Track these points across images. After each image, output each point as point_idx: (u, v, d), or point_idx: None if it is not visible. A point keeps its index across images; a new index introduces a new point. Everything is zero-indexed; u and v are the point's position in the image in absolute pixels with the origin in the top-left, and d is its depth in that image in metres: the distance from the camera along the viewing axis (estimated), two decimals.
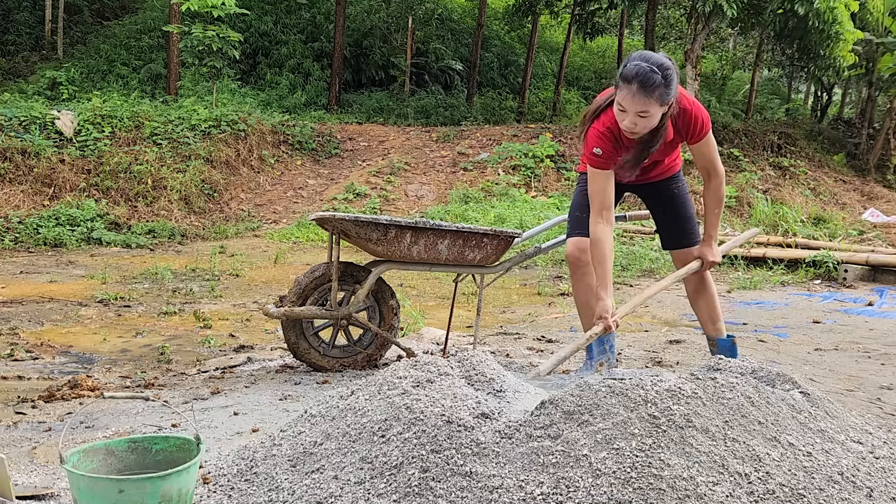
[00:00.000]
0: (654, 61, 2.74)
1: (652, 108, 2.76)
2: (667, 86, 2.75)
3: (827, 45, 12.66)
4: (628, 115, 2.79)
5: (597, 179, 2.99)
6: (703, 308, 3.38)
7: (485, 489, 1.79)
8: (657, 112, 2.79)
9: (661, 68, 2.73)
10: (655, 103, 2.76)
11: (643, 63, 2.73)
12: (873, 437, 2.23)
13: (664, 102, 2.78)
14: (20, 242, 8.17)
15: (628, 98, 2.76)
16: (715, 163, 3.10)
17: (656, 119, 2.82)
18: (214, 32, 11.59)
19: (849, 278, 7.36)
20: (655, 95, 2.74)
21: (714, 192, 3.16)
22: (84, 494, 1.74)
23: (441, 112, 15.61)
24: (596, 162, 2.98)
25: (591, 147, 2.96)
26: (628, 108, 2.78)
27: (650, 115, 2.78)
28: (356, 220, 3.34)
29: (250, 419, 2.82)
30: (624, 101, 2.77)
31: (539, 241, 4.64)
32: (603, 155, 2.96)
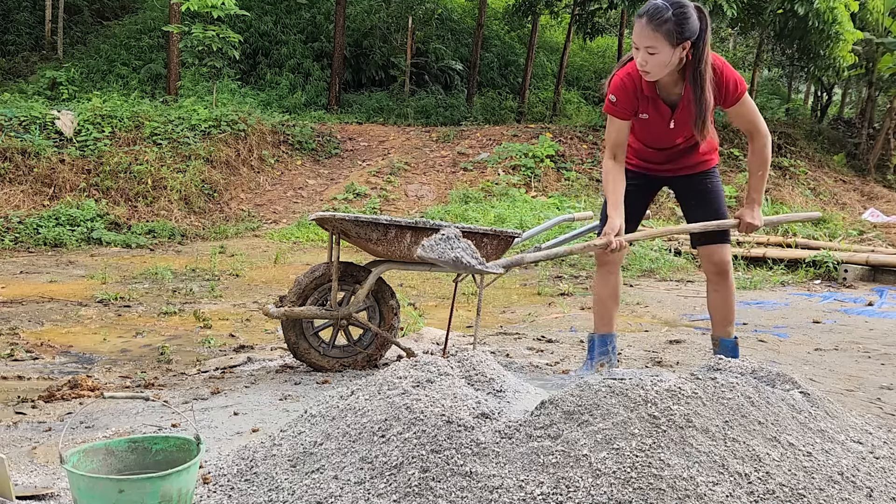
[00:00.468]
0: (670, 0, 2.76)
1: (659, 43, 2.78)
2: (678, 23, 2.75)
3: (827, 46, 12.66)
4: (640, 52, 2.82)
5: (612, 126, 3.08)
6: (720, 308, 3.35)
7: (485, 489, 1.79)
8: (666, 50, 2.79)
9: (674, 5, 2.75)
10: (663, 39, 2.77)
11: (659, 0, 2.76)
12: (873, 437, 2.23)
13: (675, 41, 2.78)
14: (20, 242, 8.17)
15: (637, 32, 2.80)
16: (757, 123, 3.06)
17: (667, 58, 2.81)
18: (214, 32, 11.59)
19: (849, 278, 7.36)
20: (663, 30, 2.75)
21: (758, 154, 3.11)
22: (84, 494, 1.74)
23: (441, 112, 15.61)
24: (611, 109, 3.04)
25: (609, 93, 3.02)
26: (638, 43, 2.81)
27: (658, 52, 2.79)
28: (356, 220, 3.34)
29: (250, 419, 2.82)
30: (634, 35, 2.81)
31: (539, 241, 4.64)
32: (617, 103, 3.02)
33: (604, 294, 3.36)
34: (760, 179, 3.17)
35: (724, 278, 3.30)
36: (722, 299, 3.34)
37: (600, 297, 3.37)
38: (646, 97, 3.01)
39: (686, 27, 2.78)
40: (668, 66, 2.85)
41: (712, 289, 3.35)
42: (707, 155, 3.26)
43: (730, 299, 3.34)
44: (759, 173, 3.15)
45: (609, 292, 3.36)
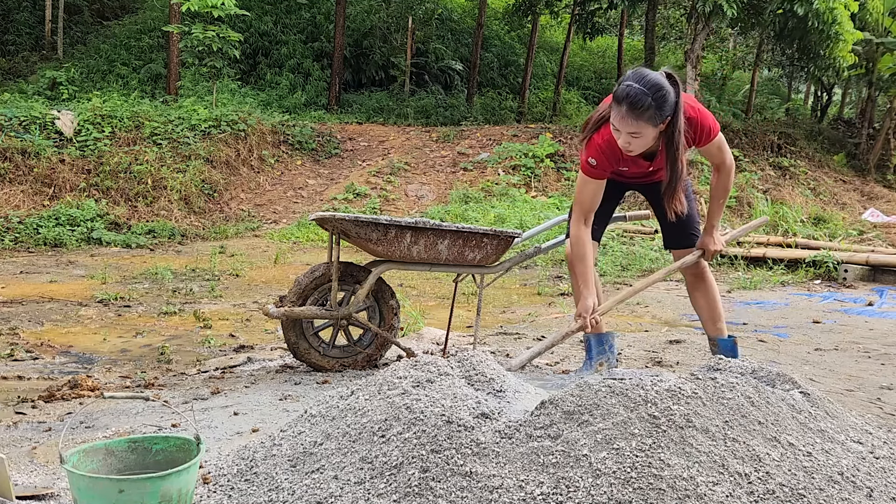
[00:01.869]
0: (647, 82, 2.72)
1: (643, 129, 2.77)
2: (658, 108, 2.73)
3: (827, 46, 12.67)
4: (621, 135, 2.82)
5: (587, 186, 3.07)
6: (704, 307, 3.38)
7: (485, 489, 1.79)
8: (650, 132, 2.80)
9: (652, 90, 2.72)
10: (646, 125, 2.76)
11: (635, 84, 2.72)
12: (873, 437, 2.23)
13: (657, 124, 2.78)
14: (20, 242, 8.17)
15: (618, 119, 2.78)
16: (725, 158, 3.10)
17: (650, 138, 2.83)
18: (214, 32, 11.59)
19: (849, 278, 7.36)
20: (645, 118, 2.74)
21: (721, 183, 3.16)
22: (84, 494, 1.74)
23: (441, 112, 15.61)
24: (590, 171, 3.04)
25: (587, 156, 3.02)
26: (620, 128, 2.80)
27: (642, 136, 2.80)
28: (356, 220, 3.34)
29: (250, 419, 2.82)
30: (615, 121, 2.80)
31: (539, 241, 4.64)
32: (598, 167, 3.02)
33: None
34: (720, 207, 3.23)
35: (700, 279, 3.33)
36: (703, 298, 3.36)
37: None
38: (625, 158, 3.02)
39: (665, 108, 2.76)
40: (650, 143, 2.87)
41: (692, 290, 3.39)
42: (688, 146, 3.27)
43: (713, 298, 3.36)
44: (721, 201, 3.21)
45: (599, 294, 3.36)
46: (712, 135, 3.00)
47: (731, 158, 3.13)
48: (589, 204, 3.08)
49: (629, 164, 3.07)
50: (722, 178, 3.15)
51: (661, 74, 2.80)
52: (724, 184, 3.16)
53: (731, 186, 3.20)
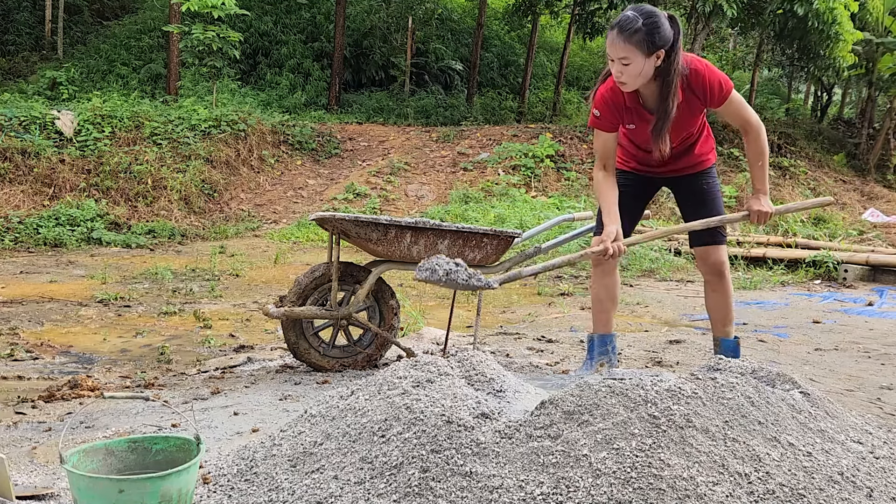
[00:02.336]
0: (640, 9, 2.77)
1: (632, 54, 2.79)
2: (649, 32, 2.76)
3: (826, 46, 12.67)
4: (615, 63, 2.84)
5: (598, 139, 3.13)
6: (718, 308, 3.37)
7: (485, 489, 1.79)
8: (639, 60, 2.80)
9: (644, 15, 2.76)
10: (636, 49, 2.78)
11: (629, 11, 2.78)
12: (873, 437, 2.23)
13: (648, 50, 2.78)
14: (20, 242, 8.17)
15: (610, 43, 2.81)
16: (747, 117, 3.05)
17: (640, 66, 2.82)
18: (214, 32, 11.59)
19: (849, 278, 7.36)
20: (634, 41, 2.76)
21: (753, 145, 3.09)
22: (84, 494, 1.74)
23: (441, 112, 15.61)
24: (596, 123, 3.09)
25: (593, 107, 3.06)
26: (612, 55, 2.83)
27: (632, 63, 2.80)
28: (356, 220, 3.34)
29: (250, 419, 2.82)
30: (608, 47, 2.83)
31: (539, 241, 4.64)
32: (601, 117, 3.06)
33: (601, 295, 3.37)
34: (761, 170, 3.13)
35: (720, 279, 3.31)
36: (720, 300, 3.35)
37: (598, 298, 3.39)
38: (629, 108, 3.04)
39: (657, 35, 2.78)
40: (643, 76, 2.86)
41: (710, 289, 3.37)
42: (704, 155, 3.26)
43: (727, 299, 3.35)
44: (759, 163, 3.12)
45: (606, 294, 3.37)
46: (724, 90, 2.96)
47: (757, 118, 3.07)
48: (603, 152, 3.11)
49: (634, 119, 3.05)
50: (752, 140, 3.08)
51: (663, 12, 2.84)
52: (757, 146, 3.08)
53: (766, 148, 3.12)
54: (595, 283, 3.40)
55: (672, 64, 2.84)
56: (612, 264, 3.36)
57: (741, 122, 3.08)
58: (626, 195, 3.21)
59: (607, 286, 3.38)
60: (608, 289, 3.38)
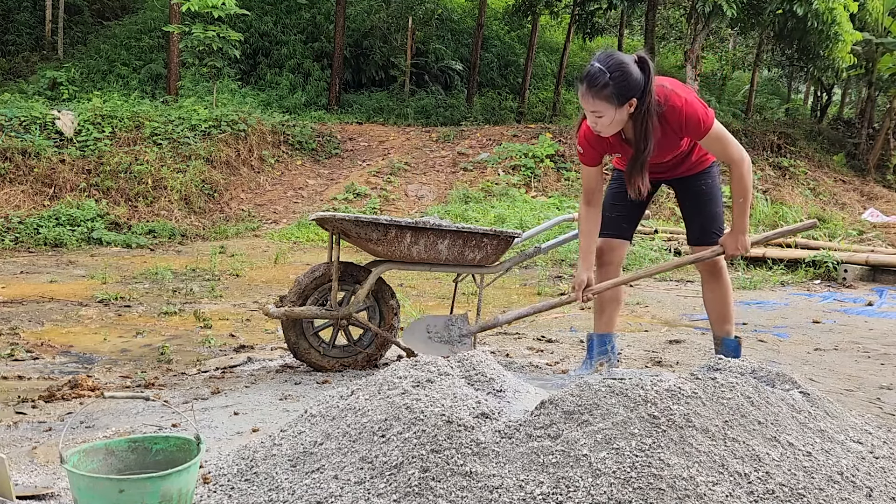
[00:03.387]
0: (608, 61, 2.72)
1: (602, 108, 2.77)
2: (617, 86, 2.71)
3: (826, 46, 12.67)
4: (588, 114, 2.86)
5: (582, 171, 3.23)
6: (714, 305, 3.38)
7: (485, 489, 1.79)
8: (611, 112, 2.78)
9: (612, 68, 2.71)
10: (605, 103, 2.76)
11: (596, 63, 2.75)
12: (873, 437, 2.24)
13: (618, 102, 2.75)
14: (20, 242, 8.17)
15: (580, 96, 2.83)
16: (729, 155, 2.96)
17: (613, 118, 2.80)
18: (215, 32, 11.59)
19: (848, 278, 7.36)
20: (603, 95, 2.74)
21: (736, 183, 3.02)
22: (84, 494, 1.74)
23: (441, 112, 15.61)
24: (581, 157, 3.21)
25: (577, 145, 3.18)
26: (584, 107, 2.84)
27: (604, 115, 2.80)
28: (356, 220, 3.34)
29: (250, 419, 2.82)
30: (580, 98, 2.85)
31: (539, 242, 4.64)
32: (584, 154, 3.15)
33: (605, 295, 3.37)
34: (742, 206, 3.05)
35: (717, 277, 3.32)
36: (717, 298, 3.36)
37: (600, 298, 3.39)
38: (611, 143, 3.05)
39: (627, 87, 2.73)
40: (616, 124, 2.85)
41: (707, 288, 3.38)
42: (703, 156, 3.26)
43: (725, 298, 3.36)
44: (741, 200, 3.04)
45: (609, 294, 3.38)
46: (703, 126, 2.88)
47: (741, 153, 2.97)
48: (587, 186, 3.21)
49: (617, 150, 3.10)
50: (735, 178, 3.00)
51: (632, 57, 2.78)
52: (740, 184, 2.99)
53: (750, 185, 3.02)
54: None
55: (644, 107, 2.79)
56: (616, 264, 3.38)
57: (723, 158, 3.01)
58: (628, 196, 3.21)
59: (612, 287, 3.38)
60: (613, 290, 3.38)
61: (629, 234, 3.40)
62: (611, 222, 3.32)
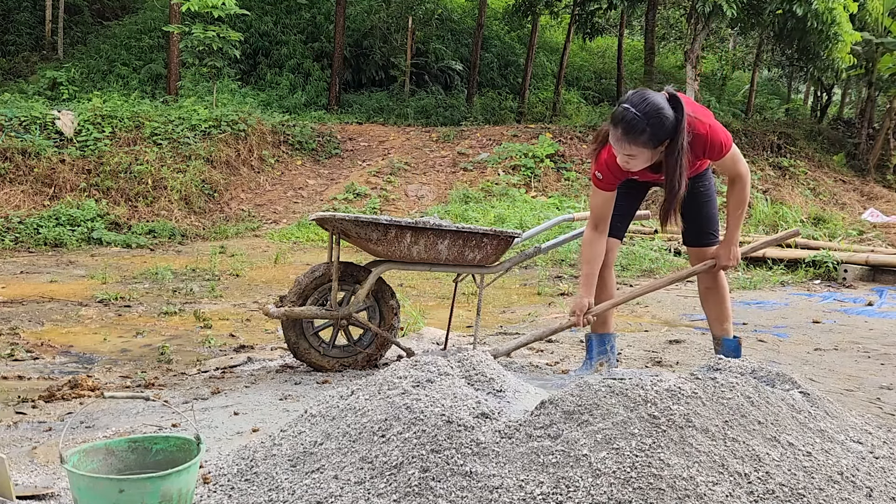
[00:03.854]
0: (643, 107, 2.71)
1: (638, 151, 2.78)
2: (654, 133, 2.73)
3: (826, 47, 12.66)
4: (619, 154, 2.84)
5: (596, 197, 3.14)
6: (713, 307, 3.39)
7: (485, 489, 1.79)
8: (646, 154, 2.81)
9: (648, 116, 2.70)
10: (641, 147, 2.77)
11: (631, 109, 2.72)
12: (873, 437, 2.24)
13: (653, 147, 2.78)
14: (20, 242, 8.17)
15: (614, 140, 2.80)
16: (739, 171, 3.07)
17: (647, 158, 2.83)
18: (215, 32, 11.59)
19: (848, 278, 7.36)
20: (640, 142, 2.75)
21: (736, 195, 3.12)
22: (84, 494, 1.74)
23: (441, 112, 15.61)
24: (597, 183, 3.10)
25: (595, 170, 3.07)
26: (616, 150, 2.82)
27: (638, 157, 2.81)
28: (356, 220, 3.34)
29: (250, 419, 2.82)
30: (612, 141, 2.81)
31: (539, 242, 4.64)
32: (604, 180, 3.07)
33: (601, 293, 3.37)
34: (738, 218, 3.18)
35: (713, 277, 3.33)
36: (714, 298, 3.37)
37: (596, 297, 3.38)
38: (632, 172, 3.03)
39: (662, 131, 2.74)
40: (648, 162, 2.87)
41: (704, 287, 3.39)
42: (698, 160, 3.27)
43: (722, 297, 3.37)
44: (739, 212, 3.17)
45: (606, 293, 3.38)
46: (724, 150, 2.98)
47: (746, 169, 3.09)
48: (599, 212, 3.14)
49: (638, 174, 3.08)
50: (736, 190, 3.11)
51: (663, 96, 2.79)
52: (739, 195, 3.11)
53: (748, 197, 3.15)
54: None
55: (676, 146, 2.80)
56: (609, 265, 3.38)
57: (733, 174, 3.09)
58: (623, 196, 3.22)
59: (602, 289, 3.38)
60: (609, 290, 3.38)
61: (623, 234, 3.42)
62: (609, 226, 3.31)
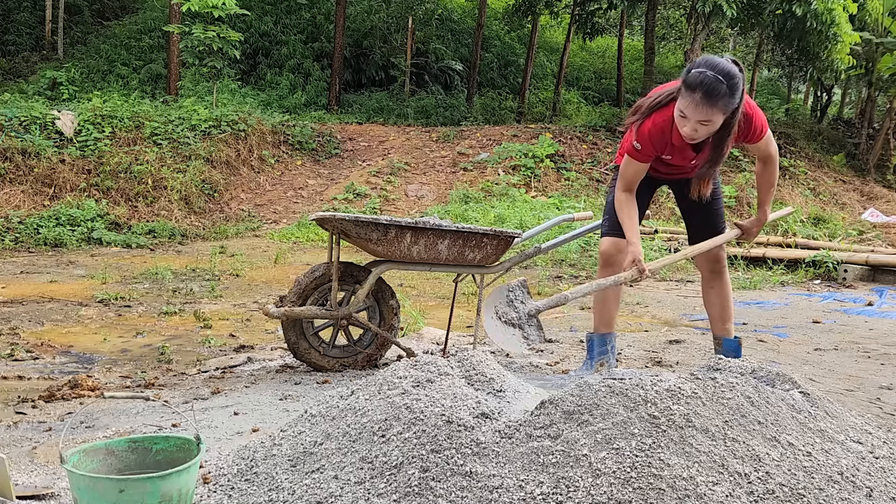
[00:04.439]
0: (721, 69, 2.71)
1: (714, 116, 2.76)
2: (731, 95, 2.73)
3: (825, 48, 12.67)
4: (689, 122, 2.79)
5: (630, 167, 3.09)
6: (716, 304, 3.39)
7: (485, 489, 1.79)
8: (719, 120, 2.79)
9: (727, 77, 2.71)
10: (719, 112, 2.75)
11: (709, 71, 2.70)
12: (873, 437, 2.24)
13: (728, 111, 2.77)
14: (20, 242, 8.17)
15: (691, 107, 2.74)
16: (772, 152, 3.14)
17: (717, 126, 2.82)
18: (215, 32, 11.59)
19: (848, 278, 7.36)
20: (720, 105, 2.73)
21: (768, 175, 3.21)
22: (84, 494, 1.74)
23: (441, 112, 15.61)
24: (634, 154, 3.04)
25: (634, 140, 3.00)
26: (690, 116, 2.77)
27: (711, 123, 2.78)
28: (356, 220, 3.34)
29: (250, 419, 2.82)
30: (686, 108, 2.76)
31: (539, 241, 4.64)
32: (642, 151, 3.01)
33: (608, 294, 3.37)
34: (769, 196, 3.28)
35: (719, 276, 3.33)
36: (717, 296, 3.36)
37: (603, 298, 3.38)
38: (673, 144, 3.01)
39: (736, 96, 2.76)
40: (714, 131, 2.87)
41: (707, 286, 3.39)
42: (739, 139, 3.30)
43: (726, 296, 3.37)
44: (770, 191, 3.26)
45: (612, 294, 3.38)
46: (763, 132, 3.02)
47: (776, 150, 3.18)
48: (631, 180, 3.12)
49: (674, 153, 3.06)
50: (768, 171, 3.19)
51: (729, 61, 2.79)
52: (770, 176, 3.20)
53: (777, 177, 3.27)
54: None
55: (737, 114, 2.83)
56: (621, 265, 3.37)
57: (765, 155, 3.13)
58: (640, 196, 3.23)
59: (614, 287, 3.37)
60: (616, 289, 3.38)
61: None
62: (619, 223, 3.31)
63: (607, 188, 3.44)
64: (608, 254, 3.32)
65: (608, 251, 3.32)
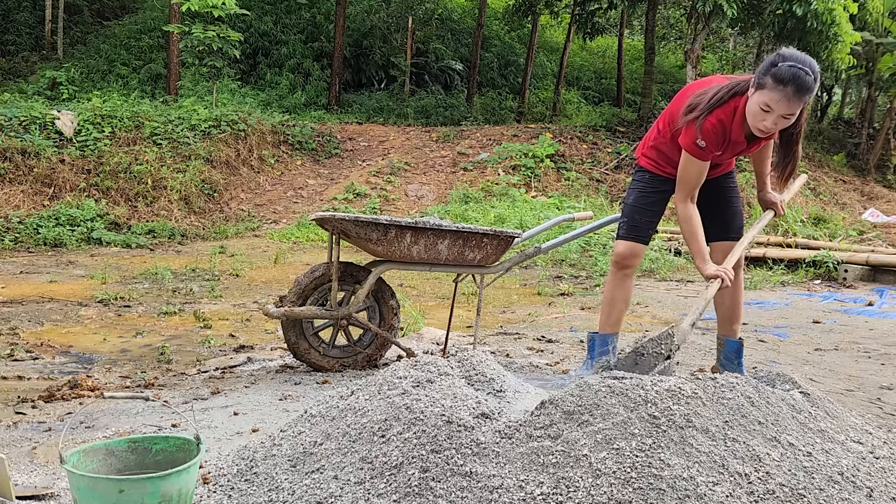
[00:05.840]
0: (808, 64, 2.72)
1: (798, 110, 2.77)
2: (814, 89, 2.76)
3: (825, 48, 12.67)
4: (771, 116, 2.77)
5: (693, 167, 3.01)
6: (727, 304, 3.36)
7: (485, 489, 1.79)
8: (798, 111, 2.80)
9: (814, 71, 2.73)
10: (803, 105, 2.77)
11: (798, 66, 2.71)
12: (873, 437, 2.23)
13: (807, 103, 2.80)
14: (20, 242, 8.17)
15: (782, 101, 2.72)
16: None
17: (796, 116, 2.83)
18: (214, 32, 11.59)
19: (849, 278, 7.36)
20: (806, 99, 2.75)
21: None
22: (84, 494, 1.74)
23: (441, 112, 15.61)
24: (697, 153, 2.98)
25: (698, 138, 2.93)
26: (776, 110, 2.75)
27: (793, 116, 2.79)
28: (356, 220, 3.34)
29: (250, 419, 2.82)
30: (774, 102, 2.74)
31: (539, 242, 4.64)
32: (706, 149, 2.95)
33: (618, 296, 3.35)
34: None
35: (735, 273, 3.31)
36: (730, 295, 3.33)
37: (613, 299, 3.36)
38: (731, 141, 2.99)
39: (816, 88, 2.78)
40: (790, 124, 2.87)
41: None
42: None
43: (738, 297, 3.35)
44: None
45: (623, 296, 3.37)
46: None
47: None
48: (695, 183, 3.04)
49: (727, 150, 3.04)
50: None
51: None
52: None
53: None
54: (614, 284, 3.35)
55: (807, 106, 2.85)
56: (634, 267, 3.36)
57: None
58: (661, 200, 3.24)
59: (627, 289, 3.36)
60: (627, 291, 3.36)
61: (648, 239, 3.39)
62: (639, 227, 3.27)
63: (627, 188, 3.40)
64: (623, 256, 3.29)
65: (624, 254, 3.29)
